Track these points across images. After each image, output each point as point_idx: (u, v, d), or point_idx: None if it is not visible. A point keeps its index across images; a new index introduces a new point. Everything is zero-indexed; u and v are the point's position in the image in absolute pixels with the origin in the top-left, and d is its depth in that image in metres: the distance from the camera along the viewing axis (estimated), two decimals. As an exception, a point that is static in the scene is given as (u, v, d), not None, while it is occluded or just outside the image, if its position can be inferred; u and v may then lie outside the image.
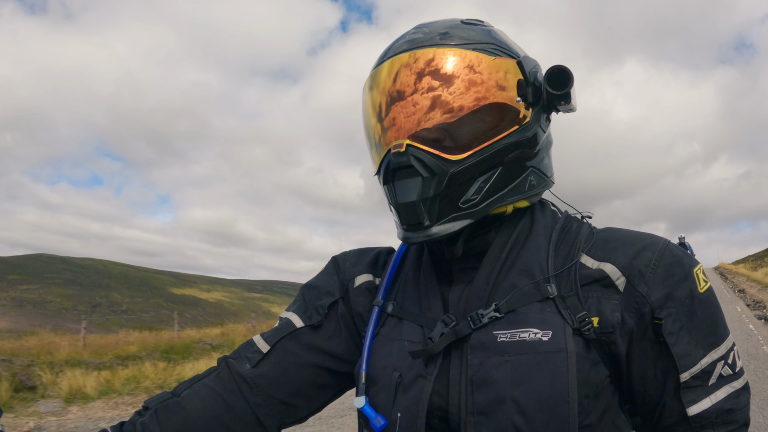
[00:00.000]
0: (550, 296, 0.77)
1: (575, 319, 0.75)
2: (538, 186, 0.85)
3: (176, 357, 10.83)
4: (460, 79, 0.77)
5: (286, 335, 0.91)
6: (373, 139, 0.84)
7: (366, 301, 0.93)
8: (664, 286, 0.76)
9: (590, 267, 0.79)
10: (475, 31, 0.82)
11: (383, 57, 0.84)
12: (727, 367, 0.78)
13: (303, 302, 0.96)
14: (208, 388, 0.88)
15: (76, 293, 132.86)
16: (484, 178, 0.78)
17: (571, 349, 0.73)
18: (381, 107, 0.81)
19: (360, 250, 1.01)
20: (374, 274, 0.96)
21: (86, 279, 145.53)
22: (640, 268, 0.77)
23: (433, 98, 0.77)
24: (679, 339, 0.76)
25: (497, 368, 0.74)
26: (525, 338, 0.74)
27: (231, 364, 0.90)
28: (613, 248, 0.80)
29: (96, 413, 7.53)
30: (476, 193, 0.78)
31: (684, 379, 0.76)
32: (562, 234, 0.84)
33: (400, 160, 0.77)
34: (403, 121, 0.78)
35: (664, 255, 0.78)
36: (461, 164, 0.77)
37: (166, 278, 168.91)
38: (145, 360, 10.20)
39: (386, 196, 0.83)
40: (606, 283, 0.78)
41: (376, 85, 0.83)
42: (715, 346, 0.77)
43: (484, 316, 0.77)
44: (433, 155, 0.77)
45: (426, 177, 0.77)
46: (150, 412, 0.86)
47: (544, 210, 0.88)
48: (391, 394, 0.80)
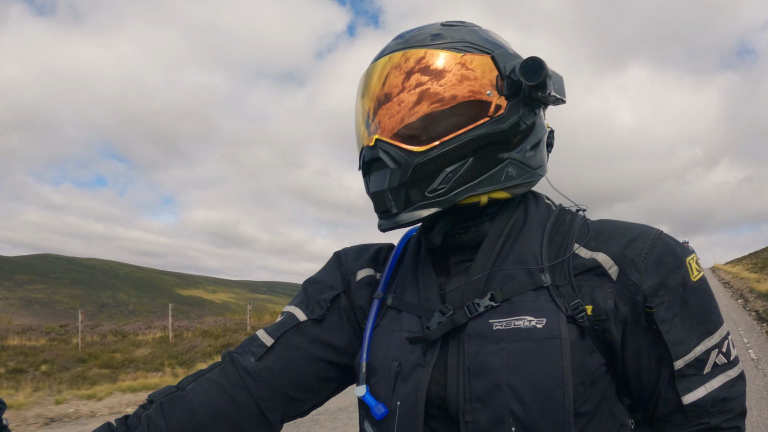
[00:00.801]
0: (544, 285, 0.78)
1: (569, 307, 0.76)
2: (519, 178, 0.86)
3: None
4: (429, 73, 0.82)
5: (289, 329, 0.93)
6: (357, 136, 0.91)
7: (367, 294, 0.95)
8: (657, 274, 0.78)
9: (583, 257, 0.80)
10: (452, 31, 0.86)
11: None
12: (722, 355, 0.78)
13: (305, 296, 0.98)
14: (212, 381, 0.89)
15: (84, 293, 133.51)
16: (452, 169, 0.81)
17: (565, 335, 0.74)
18: (357, 107, 0.90)
19: (361, 246, 1.04)
20: (375, 268, 0.98)
21: (92, 279, 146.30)
22: (632, 257, 0.78)
23: (400, 99, 0.82)
24: (671, 327, 0.77)
25: (493, 356, 0.75)
26: (520, 326, 0.76)
27: (235, 358, 0.91)
28: (605, 238, 0.81)
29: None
30: (444, 183, 0.81)
31: (678, 366, 0.77)
32: (555, 225, 0.86)
33: (371, 153, 0.84)
34: (373, 120, 0.85)
35: (657, 244, 0.79)
36: (425, 155, 0.80)
37: (171, 279, 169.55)
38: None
39: (365, 187, 0.89)
40: (599, 272, 0.79)
41: (358, 88, 0.92)
42: (709, 335, 0.78)
43: (480, 305, 0.78)
44: (398, 148, 0.81)
45: (393, 168, 0.81)
46: (155, 405, 0.87)
47: (538, 202, 0.90)
48: (391, 383, 0.81)
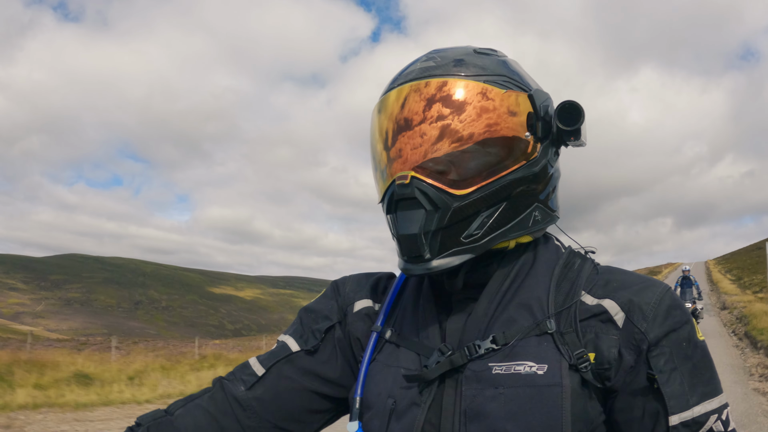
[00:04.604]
0: (549, 331, 0.75)
1: (573, 356, 0.73)
2: (543, 221, 0.84)
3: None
4: (471, 106, 0.77)
5: (281, 359, 0.91)
6: (379, 166, 0.83)
7: (364, 326, 0.92)
8: (665, 325, 0.75)
9: (589, 303, 0.78)
10: (487, 61, 0.82)
11: (393, 83, 0.83)
12: (720, 423, 0.74)
13: (300, 326, 0.95)
14: (201, 408, 0.88)
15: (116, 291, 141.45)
16: (488, 213, 0.78)
17: (566, 383, 0.71)
18: (388, 134, 0.81)
19: (360, 275, 1.00)
20: (374, 299, 0.94)
21: (122, 277, 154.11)
22: (640, 305, 0.76)
23: (442, 127, 0.76)
24: (671, 379, 0.73)
25: (491, 401, 0.73)
26: (520, 371, 0.73)
27: (225, 385, 0.90)
28: (614, 288, 0.79)
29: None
30: (479, 228, 0.77)
31: (673, 422, 0.72)
32: (564, 270, 0.83)
33: (405, 191, 0.77)
34: (410, 153, 0.78)
35: (665, 297, 0.77)
36: (465, 199, 0.76)
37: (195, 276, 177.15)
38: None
39: (389, 225, 0.83)
40: (604, 318, 0.76)
41: (384, 111, 0.82)
42: (710, 397, 0.74)
43: (481, 347, 0.76)
44: (437, 188, 0.76)
45: (429, 210, 0.76)
46: (142, 429, 0.85)
47: (548, 244, 0.87)
48: (385, 420, 0.79)
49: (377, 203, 0.86)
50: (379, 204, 0.85)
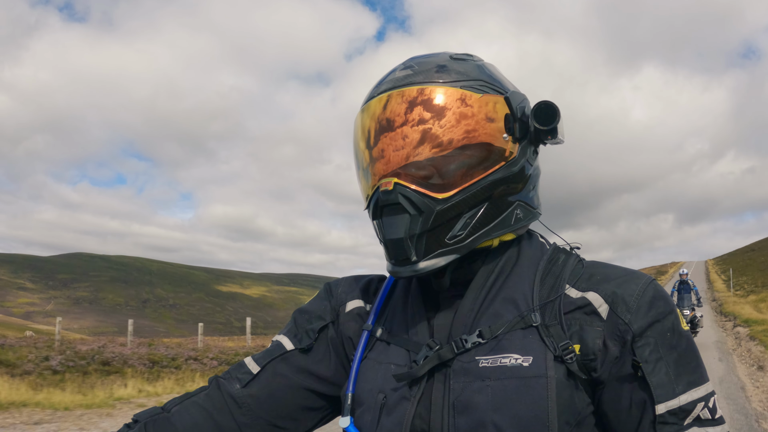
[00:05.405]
0: (534, 324, 0.77)
1: (558, 347, 0.75)
2: (525, 219, 0.86)
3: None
4: (451, 112, 0.79)
5: (276, 357, 0.93)
6: (362, 164, 0.85)
7: (356, 326, 0.94)
8: (648, 315, 0.76)
9: (573, 296, 0.79)
10: (465, 67, 0.84)
11: (375, 90, 0.85)
12: (707, 410, 0.75)
13: (294, 326, 0.97)
14: (198, 405, 0.90)
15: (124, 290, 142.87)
16: (471, 214, 0.80)
17: (551, 374, 0.73)
18: (370, 134, 0.83)
19: (352, 277, 1.03)
20: (365, 300, 0.97)
21: (129, 276, 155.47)
22: (624, 297, 0.77)
23: (423, 131, 0.78)
24: (656, 369, 0.74)
25: (478, 393, 0.75)
26: (506, 363, 0.75)
27: (221, 383, 0.92)
28: (597, 281, 0.80)
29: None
30: (462, 229, 0.80)
31: (660, 411, 0.74)
32: (548, 266, 0.85)
33: (388, 197, 0.79)
34: (392, 155, 0.80)
35: (648, 288, 0.78)
36: (448, 202, 0.78)
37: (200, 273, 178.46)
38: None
39: (375, 231, 0.85)
40: (589, 310, 0.78)
41: (367, 112, 0.84)
42: (696, 385, 0.75)
43: (468, 342, 0.78)
44: (420, 193, 0.78)
45: (413, 214, 0.78)
46: (139, 425, 0.88)
47: (532, 241, 0.89)
48: (376, 415, 0.82)
49: (363, 210, 0.88)
50: (365, 210, 0.88)
